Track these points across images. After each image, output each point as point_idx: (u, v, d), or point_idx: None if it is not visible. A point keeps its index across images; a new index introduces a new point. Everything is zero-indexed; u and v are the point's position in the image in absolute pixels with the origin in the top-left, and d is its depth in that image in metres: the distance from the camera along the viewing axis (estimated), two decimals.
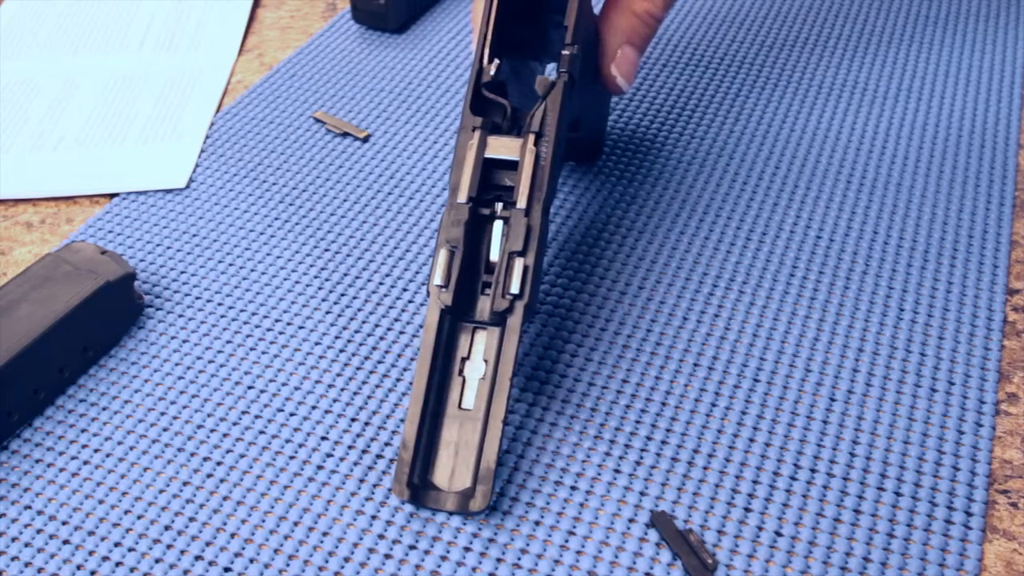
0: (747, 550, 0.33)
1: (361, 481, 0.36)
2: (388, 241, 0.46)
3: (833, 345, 0.40)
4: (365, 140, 0.52)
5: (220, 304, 0.43)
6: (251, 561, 0.33)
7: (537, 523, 0.34)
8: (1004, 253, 0.44)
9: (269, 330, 0.42)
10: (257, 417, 0.38)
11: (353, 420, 0.38)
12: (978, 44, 0.58)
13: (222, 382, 0.40)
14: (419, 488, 0.33)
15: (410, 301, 0.43)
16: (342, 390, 0.39)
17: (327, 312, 0.43)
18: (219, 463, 0.37)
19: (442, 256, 0.34)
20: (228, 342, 0.41)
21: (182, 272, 0.45)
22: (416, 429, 0.33)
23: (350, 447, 0.37)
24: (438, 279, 0.34)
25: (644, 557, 0.33)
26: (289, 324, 0.42)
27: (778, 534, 0.33)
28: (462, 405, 0.34)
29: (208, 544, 0.34)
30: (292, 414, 0.38)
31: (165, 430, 0.38)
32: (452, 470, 0.34)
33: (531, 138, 0.35)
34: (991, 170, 0.49)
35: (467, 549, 0.33)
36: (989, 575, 0.32)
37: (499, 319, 0.34)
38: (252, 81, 0.58)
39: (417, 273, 0.44)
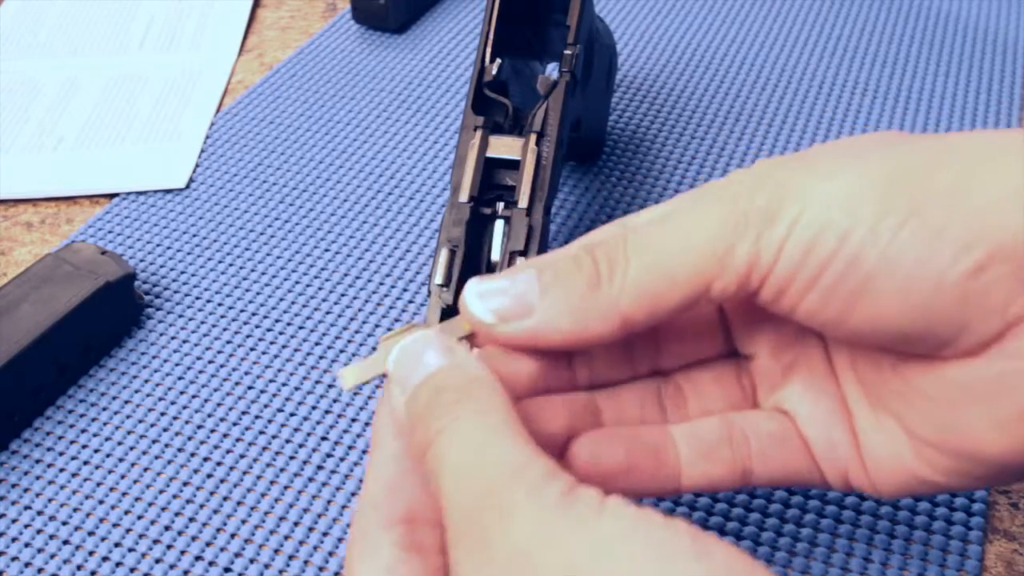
0: (747, 550, 0.33)
1: (361, 481, 0.36)
2: (388, 241, 0.46)
3: None
4: None
5: (220, 304, 0.43)
6: (251, 561, 0.33)
7: None
8: None
9: (269, 330, 0.42)
10: (257, 417, 0.38)
11: (353, 420, 0.38)
12: (978, 44, 0.58)
13: (222, 382, 0.40)
14: None
15: (410, 301, 0.43)
16: (342, 390, 0.39)
17: (327, 312, 0.43)
18: (219, 463, 0.36)
19: (443, 255, 0.34)
20: (228, 342, 0.41)
21: (182, 272, 0.45)
22: None
23: (350, 447, 0.37)
24: (439, 279, 0.34)
25: None
26: (289, 324, 0.42)
27: (778, 534, 0.33)
28: None
29: (208, 544, 0.34)
30: (292, 414, 0.38)
31: (165, 430, 0.38)
32: None
33: (533, 138, 0.35)
34: None
35: None
36: (990, 575, 0.32)
37: None
38: (252, 81, 0.58)
39: (417, 273, 0.44)
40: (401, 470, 0.23)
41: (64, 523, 0.35)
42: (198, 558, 0.34)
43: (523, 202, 0.34)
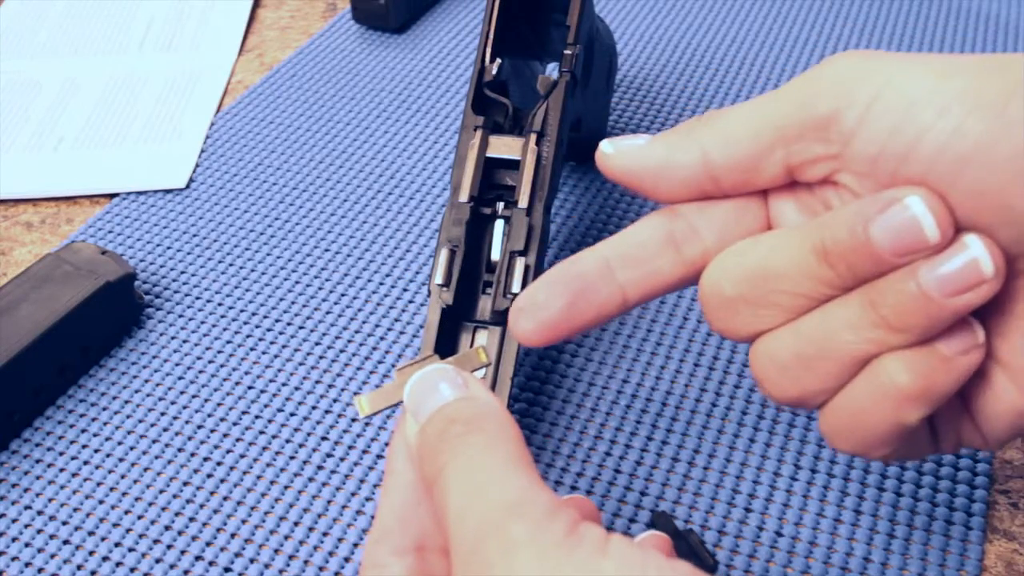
0: (747, 550, 0.33)
1: (361, 481, 0.36)
2: (388, 241, 0.46)
3: None
4: None
5: (220, 304, 0.43)
6: (251, 561, 0.33)
7: None
8: None
9: (269, 330, 0.42)
10: (257, 417, 0.38)
11: (353, 420, 0.38)
12: (977, 45, 0.58)
13: (222, 382, 0.40)
14: None
15: (410, 301, 0.43)
16: (342, 390, 0.39)
17: (327, 312, 0.43)
18: (219, 463, 0.36)
19: (443, 255, 0.34)
20: (228, 342, 0.41)
21: (182, 272, 0.45)
22: None
23: (350, 447, 0.37)
24: (439, 278, 0.34)
25: None
26: (289, 324, 0.42)
27: (778, 534, 0.33)
28: None
29: (208, 544, 0.34)
30: (292, 414, 0.38)
31: (165, 430, 0.38)
32: None
33: (533, 138, 0.35)
34: None
35: None
36: (990, 575, 0.32)
37: (500, 318, 0.34)
38: (252, 81, 0.58)
39: (417, 273, 0.44)
40: (413, 499, 0.23)
41: (64, 523, 0.35)
42: (198, 558, 0.34)
43: (523, 202, 0.34)
